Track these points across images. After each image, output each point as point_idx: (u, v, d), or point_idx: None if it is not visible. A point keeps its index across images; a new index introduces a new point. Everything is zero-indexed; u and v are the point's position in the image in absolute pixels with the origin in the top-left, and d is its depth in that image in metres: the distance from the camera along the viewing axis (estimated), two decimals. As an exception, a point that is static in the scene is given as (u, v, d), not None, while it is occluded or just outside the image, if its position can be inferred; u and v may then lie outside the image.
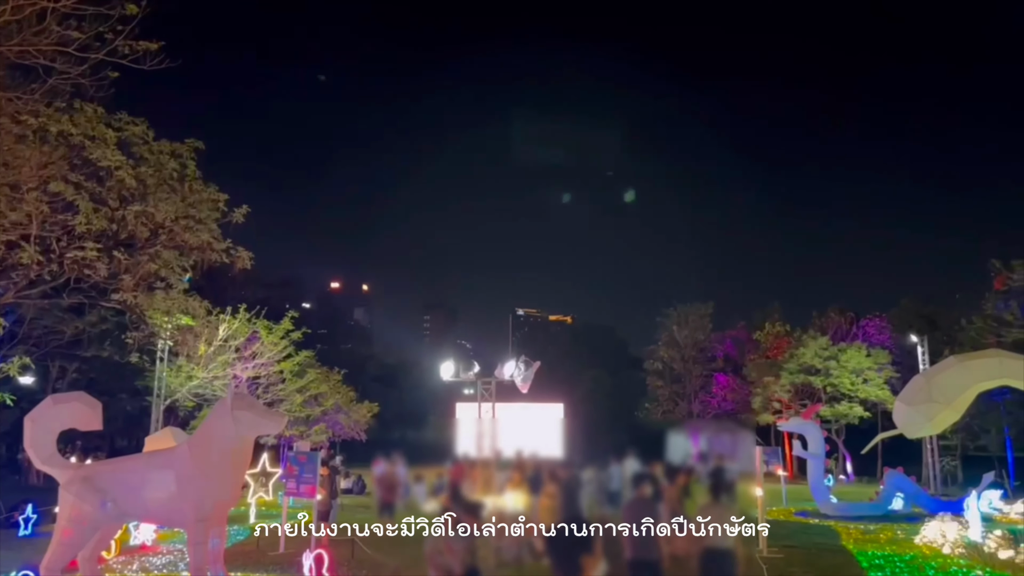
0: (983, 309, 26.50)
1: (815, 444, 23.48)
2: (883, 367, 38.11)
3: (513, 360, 23.40)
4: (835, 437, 39.28)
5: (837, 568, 13.39)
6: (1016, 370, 9.81)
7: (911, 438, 10.37)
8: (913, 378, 10.25)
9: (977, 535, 15.05)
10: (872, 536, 17.31)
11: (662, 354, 47.93)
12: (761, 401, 41.12)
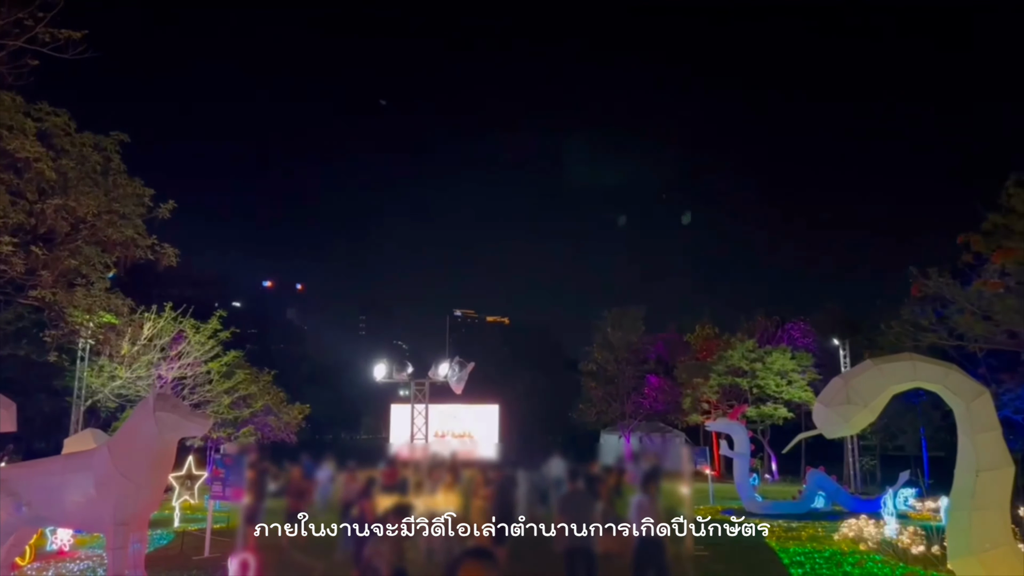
0: (901, 314, 27.59)
1: (741, 444, 24.15)
2: (806, 369, 39.41)
3: (447, 361, 23.32)
4: (760, 437, 40.42)
5: (760, 565, 13.81)
6: (928, 373, 10.24)
7: (830, 438, 10.73)
8: (832, 380, 10.61)
9: (893, 532, 15.74)
10: (794, 533, 17.90)
11: (596, 356, 48.47)
12: (691, 402, 42.03)
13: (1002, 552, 9.47)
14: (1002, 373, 26.18)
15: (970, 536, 9.54)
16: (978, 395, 9.92)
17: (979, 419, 9.83)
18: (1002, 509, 9.67)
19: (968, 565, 9.57)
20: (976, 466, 9.69)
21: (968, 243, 19.53)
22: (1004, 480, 9.71)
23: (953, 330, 23.30)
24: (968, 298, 21.66)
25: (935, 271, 22.13)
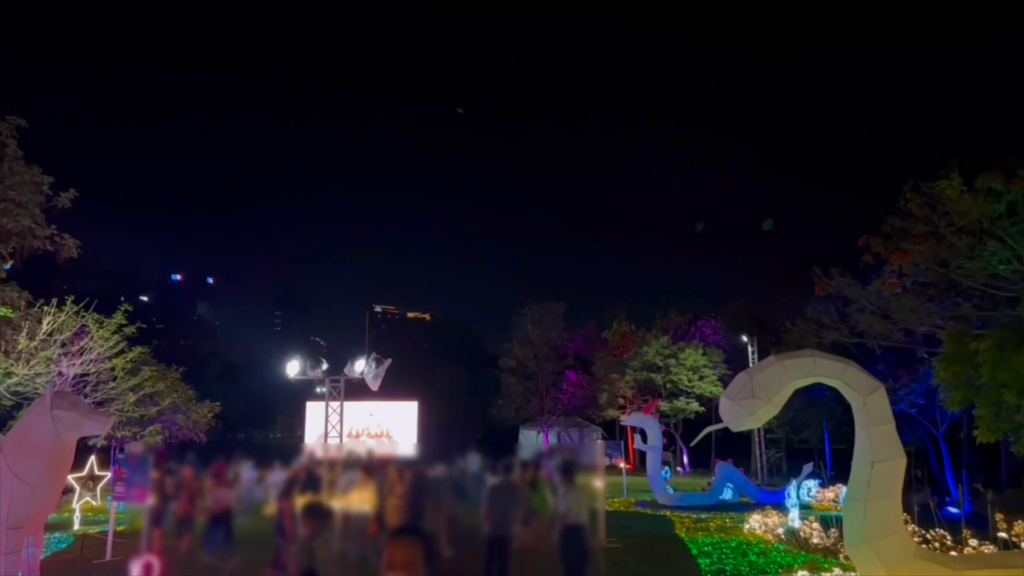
0: (805, 312, 28.78)
1: (654, 438, 24.74)
2: (717, 365, 40.66)
3: (364, 358, 22.98)
4: (673, 431, 41.48)
5: (669, 555, 14.18)
6: (828, 369, 10.70)
7: (735, 431, 11.10)
8: (738, 375, 10.97)
9: (796, 522, 16.41)
10: (703, 524, 18.46)
11: (517, 352, 48.77)
12: (607, 397, 42.77)
13: (894, 539, 9.99)
14: (899, 369, 27.63)
15: (865, 524, 10.02)
16: (874, 390, 10.44)
17: (874, 413, 10.33)
18: (894, 498, 10.21)
19: (863, 552, 10.06)
20: (871, 457, 10.19)
21: (868, 245, 20.46)
22: (897, 471, 10.25)
23: (854, 328, 24.43)
24: (868, 297, 22.75)
25: (837, 271, 23.13)
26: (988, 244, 17.79)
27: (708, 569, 12.66)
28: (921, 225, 18.80)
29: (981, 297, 20.05)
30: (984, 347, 15.29)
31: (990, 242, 17.72)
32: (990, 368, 15.08)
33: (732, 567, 12.89)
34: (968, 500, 22.43)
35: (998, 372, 14.96)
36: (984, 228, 17.66)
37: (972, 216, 17.65)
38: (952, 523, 15.51)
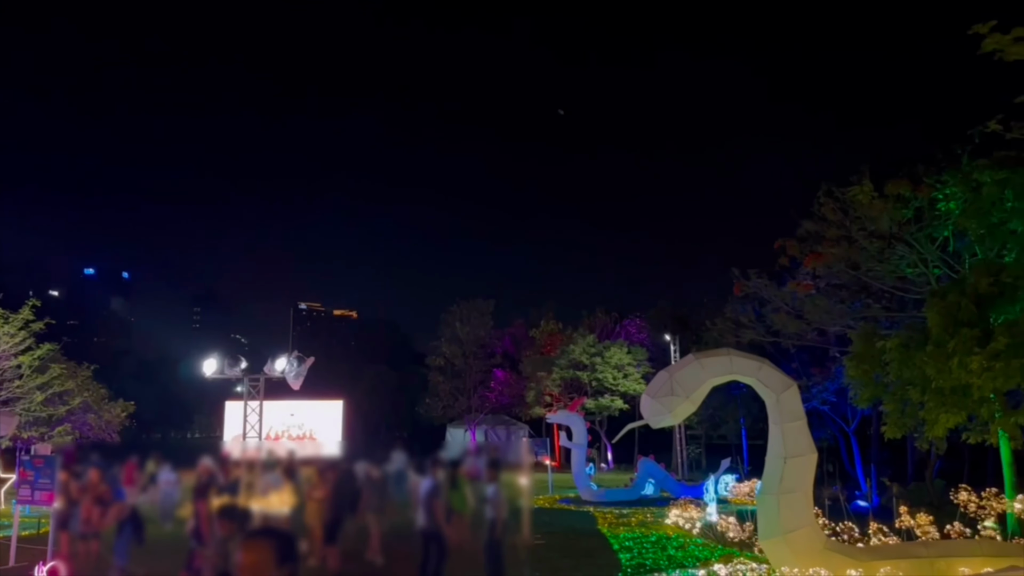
0: (724, 312, 29.63)
1: (579, 435, 25.06)
2: (641, 363, 41.41)
3: (285, 356, 22.46)
4: (598, 428, 42.06)
5: (591, 551, 14.38)
6: (743, 367, 11.05)
7: (655, 428, 11.35)
8: (658, 374, 11.23)
9: (714, 516, 16.87)
10: (625, 520, 18.79)
11: (444, 350, 48.58)
12: (534, 395, 43.05)
13: (805, 532, 10.39)
14: (812, 367, 28.70)
15: (778, 518, 10.39)
16: (787, 387, 10.83)
17: (787, 409, 10.73)
18: (806, 492, 10.61)
19: (775, 544, 10.43)
20: (784, 453, 10.57)
21: (784, 247, 21.17)
22: (808, 466, 10.66)
23: (770, 327, 25.26)
24: (783, 298, 23.57)
25: (755, 272, 23.88)
26: (896, 248, 18.65)
27: (629, 563, 12.89)
28: (834, 229, 19.57)
29: (889, 299, 21.01)
30: (891, 346, 15.99)
31: (898, 246, 18.57)
32: (896, 367, 15.79)
33: (652, 561, 13.16)
34: (876, 493, 23.48)
35: (904, 370, 15.68)
36: (893, 232, 18.50)
37: (882, 221, 18.46)
38: (861, 516, 16.19)
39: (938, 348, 14.49)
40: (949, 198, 16.58)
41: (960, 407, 14.55)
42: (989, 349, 13.61)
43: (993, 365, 13.44)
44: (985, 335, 14.11)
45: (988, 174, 15.18)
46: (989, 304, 14.71)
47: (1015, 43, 9.25)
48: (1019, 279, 14.34)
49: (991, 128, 12.33)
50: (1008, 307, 14.53)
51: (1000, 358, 13.43)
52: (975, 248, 16.74)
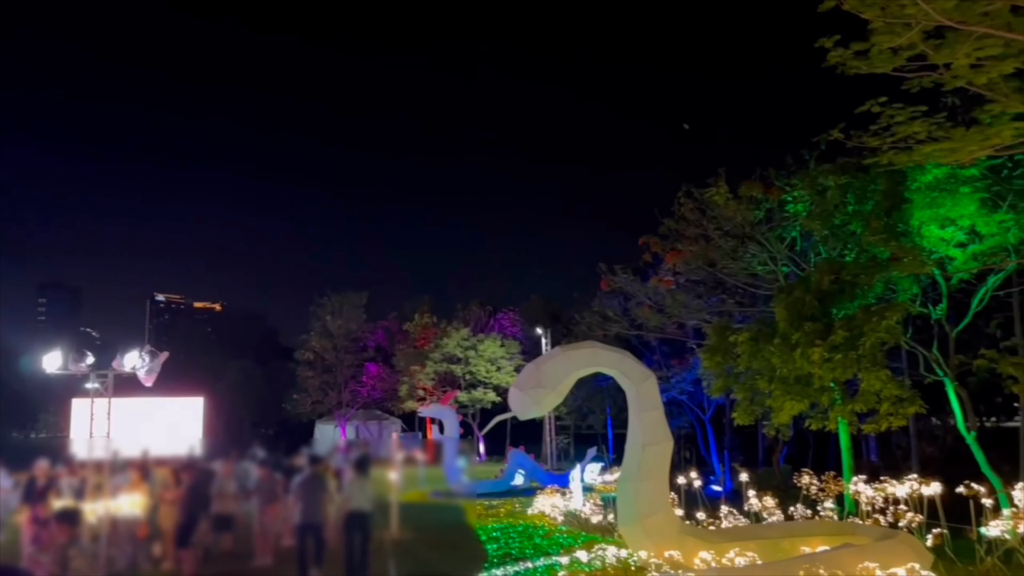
0: (593, 306, 30.57)
1: (451, 428, 25.13)
2: (514, 356, 41.98)
3: (136, 350, 21.16)
4: (471, 421, 42.33)
5: (459, 543, 14.41)
6: (606, 359, 11.39)
7: (523, 419, 11.56)
8: (526, 366, 11.41)
9: (579, 504, 17.32)
10: (493, 511, 18.99)
11: (314, 344, 47.32)
12: (407, 389, 42.75)
13: (661, 517, 10.84)
14: (672, 359, 30.05)
15: (636, 504, 10.79)
16: (646, 378, 11.26)
17: (646, 399, 11.15)
18: (662, 479, 11.07)
19: (633, 530, 10.83)
20: (643, 441, 10.99)
21: (647, 244, 22.04)
22: (664, 453, 11.13)
23: (634, 321, 26.27)
24: (646, 293, 24.56)
25: (620, 268, 24.74)
26: (749, 246, 19.80)
27: (495, 554, 13.04)
28: (693, 228, 20.54)
29: (742, 294, 22.30)
30: (742, 339, 16.98)
31: (750, 245, 19.73)
32: (746, 358, 16.80)
33: (518, 550, 13.37)
34: (728, 478, 24.89)
35: (753, 362, 16.70)
36: (746, 232, 19.63)
37: (736, 221, 19.54)
38: (714, 500, 17.11)
39: (784, 341, 15.51)
40: (797, 201, 17.76)
41: (803, 396, 15.65)
42: (829, 342, 14.70)
43: (833, 357, 14.54)
44: (826, 329, 15.23)
45: (832, 179, 16.39)
46: (830, 300, 15.89)
47: (855, 57, 9.95)
48: (858, 277, 15.57)
49: (834, 136, 13.26)
50: (847, 303, 15.75)
51: (839, 350, 14.54)
52: (819, 248, 18.02)
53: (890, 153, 11.90)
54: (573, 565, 10.45)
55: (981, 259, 14.29)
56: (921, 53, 9.44)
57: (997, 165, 13.49)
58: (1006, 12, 8.40)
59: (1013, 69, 9.56)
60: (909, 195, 14.40)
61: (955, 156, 11.47)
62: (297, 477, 10.59)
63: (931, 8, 8.19)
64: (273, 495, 10.62)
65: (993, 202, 13.66)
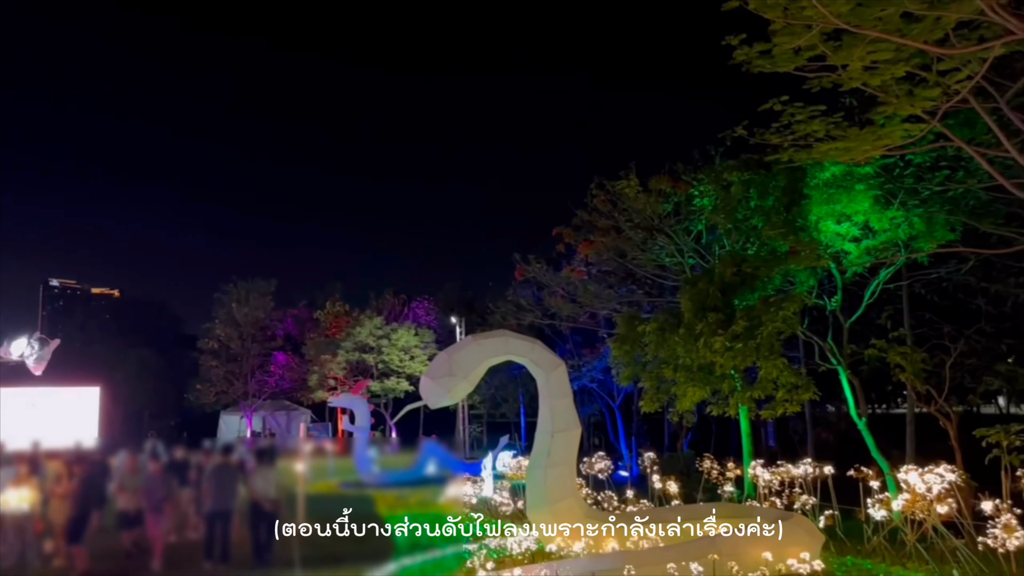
0: (507, 296, 30.74)
1: (362, 418, 24.82)
2: (428, 345, 41.72)
3: (25, 337, 19.96)
4: (383, 410, 41.93)
5: (367, 533, 14.26)
6: (517, 347, 11.48)
7: (434, 408, 11.53)
8: (438, 355, 11.39)
9: (490, 491, 17.42)
10: (403, 500, 18.88)
11: (218, 332, 45.72)
12: (318, 379, 41.90)
13: (568, 503, 11.02)
14: (584, 348, 30.54)
15: (544, 490, 10.94)
16: (556, 367, 11.41)
17: (556, 387, 11.30)
18: (570, 465, 11.26)
19: (542, 515, 10.98)
20: (552, 428, 11.14)
21: (561, 235, 22.33)
22: (573, 440, 11.31)
23: (547, 310, 26.55)
24: (559, 283, 24.86)
25: (534, 258, 24.97)
26: (657, 239, 20.28)
27: (405, 542, 12.97)
28: (605, 219, 20.90)
29: (651, 285, 22.85)
30: (649, 329, 17.41)
31: (659, 237, 20.21)
32: (653, 347, 17.24)
33: (427, 539, 13.32)
34: (636, 464, 25.51)
35: (659, 350, 17.15)
36: (655, 224, 20.09)
37: (645, 213, 19.98)
38: (621, 485, 17.51)
39: (688, 330, 15.98)
40: (703, 195, 18.29)
41: (705, 383, 16.17)
42: (730, 331, 15.23)
43: (734, 346, 15.08)
44: (728, 319, 15.77)
45: (735, 175, 16.94)
46: (733, 291, 16.45)
47: (759, 56, 10.28)
48: (758, 269, 16.17)
49: (738, 133, 13.69)
50: (748, 294, 16.34)
51: (739, 339, 15.09)
52: (723, 241, 18.62)
53: (790, 150, 12.40)
54: (482, 552, 10.50)
55: (873, 253, 15.04)
56: (821, 54, 9.85)
57: (890, 164, 14.22)
58: (897, 18, 8.84)
59: (904, 73, 10.10)
60: (808, 191, 15.01)
61: (850, 155, 12.05)
62: (206, 466, 10.89)
63: (828, 11, 8.54)
64: (169, 491, 10.37)
65: (886, 199, 14.39)
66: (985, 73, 9.72)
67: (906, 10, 8.66)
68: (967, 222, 14.15)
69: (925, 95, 10.20)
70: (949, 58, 9.62)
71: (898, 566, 10.60)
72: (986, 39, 9.10)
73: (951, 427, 13.57)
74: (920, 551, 10.64)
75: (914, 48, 9.24)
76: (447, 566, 11.06)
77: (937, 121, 10.71)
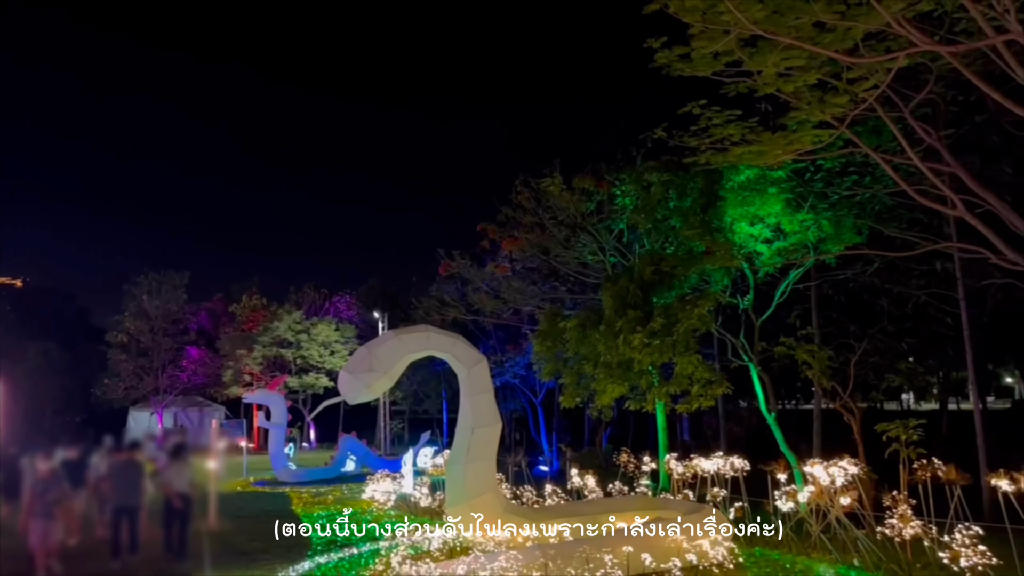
0: (431, 291, 30.56)
1: (278, 414, 24.25)
2: (349, 340, 41.15)
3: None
4: (301, 407, 41.13)
5: (281, 531, 13.97)
6: (439, 343, 11.41)
7: (352, 403, 11.34)
8: (357, 350, 11.21)
9: (410, 488, 17.27)
10: (321, 498, 18.57)
11: (128, 325, 43.95)
12: (232, 374, 40.80)
13: (487, 497, 11.02)
14: (507, 344, 30.64)
15: (463, 485, 10.90)
16: (477, 362, 11.39)
17: (477, 383, 11.28)
18: (490, 461, 11.26)
19: (461, 510, 10.94)
20: (472, 423, 11.12)
21: (486, 231, 22.33)
22: (493, 435, 11.32)
23: (471, 306, 26.52)
24: (483, 278, 24.86)
25: (459, 254, 24.90)
26: (580, 236, 20.50)
27: (320, 540, 12.75)
28: (529, 216, 21.02)
29: (574, 282, 23.09)
30: (571, 326, 17.60)
31: (582, 235, 20.43)
32: (574, 343, 17.43)
33: (344, 536, 13.14)
34: (556, 459, 25.76)
35: (580, 347, 17.35)
36: (578, 222, 20.31)
37: (569, 211, 20.17)
38: (541, 480, 17.65)
39: (609, 327, 16.22)
40: (625, 195, 18.58)
41: (624, 379, 16.45)
42: (648, 328, 15.52)
43: (652, 342, 15.37)
44: (647, 316, 16.07)
45: (655, 176, 17.26)
46: (651, 290, 16.77)
47: (680, 60, 10.50)
48: (676, 268, 16.52)
49: (658, 135, 13.95)
50: (666, 292, 16.68)
51: (657, 336, 15.40)
52: (644, 240, 18.96)
53: (708, 153, 12.72)
54: (398, 548, 10.40)
55: (784, 255, 15.56)
56: (738, 59, 10.12)
57: (801, 169, 14.73)
58: (810, 26, 9.16)
59: (816, 80, 10.49)
60: (723, 193, 15.42)
61: (763, 159, 12.44)
62: (112, 461, 10.79)
63: (744, 17, 8.78)
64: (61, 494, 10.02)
65: (796, 203, 14.90)
66: (891, 83, 10.18)
67: (819, 19, 8.98)
68: (873, 226, 14.79)
69: (835, 102, 10.62)
70: (858, 67, 10.04)
71: (803, 556, 10.99)
72: (892, 50, 9.54)
73: (855, 422, 14.16)
74: (824, 541, 11.07)
75: (825, 56, 9.60)
76: (363, 563, 10.90)
77: (846, 128, 11.16)
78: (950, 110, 13.47)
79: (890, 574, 9.77)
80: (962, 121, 14.12)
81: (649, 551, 9.48)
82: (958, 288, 14.93)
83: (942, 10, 9.85)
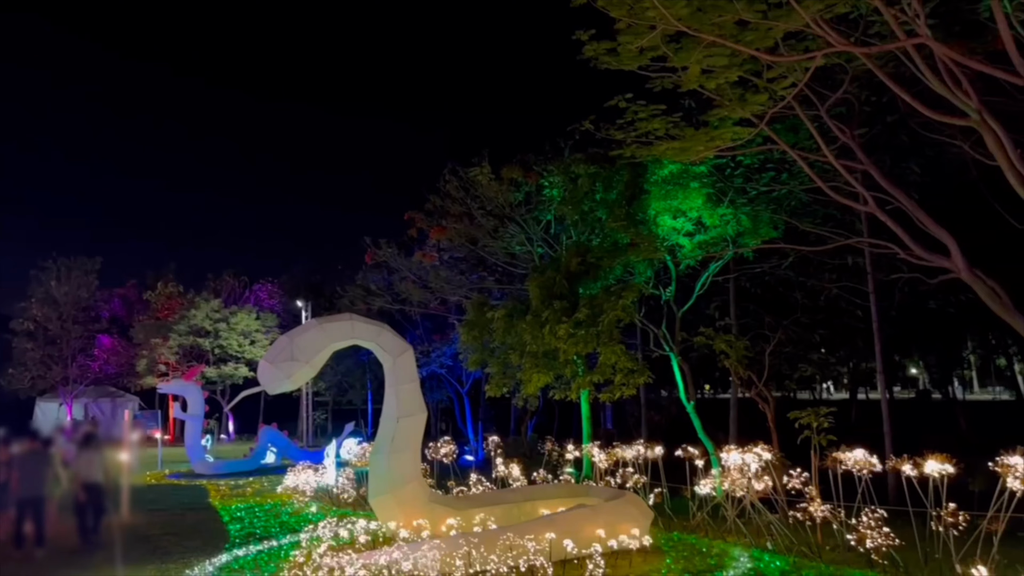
0: (357, 280, 30.11)
1: (194, 405, 23.54)
2: (270, 329, 40.23)
3: None
4: (219, 398, 40.06)
5: (199, 524, 13.61)
6: (364, 332, 11.27)
7: (273, 393, 11.11)
8: (279, 339, 10.96)
9: (332, 479, 17.02)
10: (240, 491, 18.14)
11: (35, 313, 41.82)
12: (147, 364, 39.37)
13: (411, 487, 10.97)
14: (434, 334, 30.47)
15: (388, 475, 10.82)
16: (403, 352, 11.30)
17: (402, 372, 11.20)
18: (414, 450, 11.20)
19: (384, 501, 10.86)
20: (397, 413, 11.04)
21: (413, 220, 22.13)
22: (418, 425, 11.26)
23: (398, 295, 26.27)
24: (410, 267, 24.64)
25: (386, 242, 24.61)
26: (508, 227, 20.55)
27: (238, 534, 12.45)
28: (457, 206, 20.94)
29: (501, 272, 23.13)
30: (498, 315, 17.64)
31: (510, 225, 20.49)
32: (501, 333, 17.48)
33: (263, 528, 12.88)
34: (481, 448, 25.80)
35: (507, 337, 17.42)
36: (506, 213, 20.35)
37: (497, 201, 20.19)
38: (467, 469, 17.68)
39: (535, 317, 16.33)
40: (553, 186, 18.70)
41: (549, 368, 16.60)
42: (574, 319, 15.70)
43: (577, 332, 15.55)
44: (572, 307, 16.24)
45: (582, 168, 17.42)
46: (578, 280, 16.95)
47: (607, 54, 10.60)
48: (601, 260, 16.73)
49: (585, 127, 14.07)
50: (591, 283, 16.88)
51: (582, 326, 15.58)
52: (571, 231, 19.14)
53: (633, 147, 12.91)
54: (318, 540, 10.25)
55: (705, 248, 15.95)
56: (663, 55, 10.29)
57: (722, 164, 15.12)
58: (733, 24, 9.39)
59: (737, 78, 10.76)
60: (648, 187, 15.68)
61: (686, 154, 12.71)
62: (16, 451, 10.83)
63: (669, 13, 8.93)
64: None
65: (717, 197, 15.28)
66: (808, 83, 10.53)
67: (741, 18, 9.21)
68: (789, 221, 15.29)
69: (755, 100, 10.93)
70: (777, 66, 10.35)
71: (719, 540, 11.34)
72: (811, 50, 9.87)
73: (769, 411, 14.63)
74: (739, 526, 11.43)
75: (747, 54, 9.85)
76: (284, 555, 10.70)
77: (765, 125, 11.50)
78: (864, 110, 14.02)
79: (801, 556, 10.17)
80: (875, 121, 14.73)
81: (571, 537, 9.61)
82: (868, 282, 15.57)
83: (858, 13, 10.25)
